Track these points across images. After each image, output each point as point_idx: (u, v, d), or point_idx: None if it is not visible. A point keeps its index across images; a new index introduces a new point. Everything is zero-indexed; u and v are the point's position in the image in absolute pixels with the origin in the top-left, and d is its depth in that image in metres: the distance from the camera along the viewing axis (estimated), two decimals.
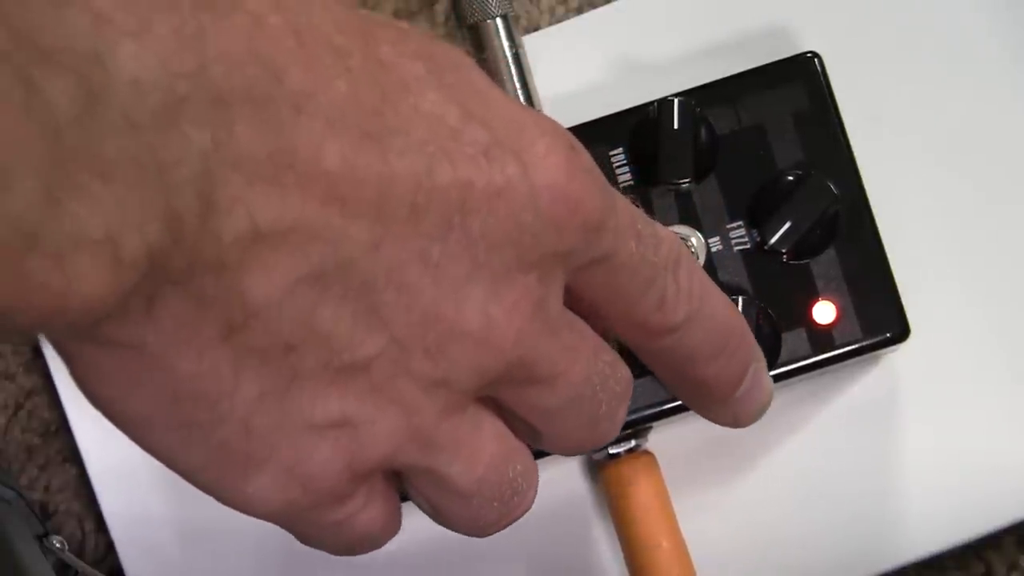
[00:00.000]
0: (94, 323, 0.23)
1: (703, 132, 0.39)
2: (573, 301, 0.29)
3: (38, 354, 0.44)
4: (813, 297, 0.39)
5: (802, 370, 0.39)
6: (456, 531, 0.30)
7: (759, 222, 0.39)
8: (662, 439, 0.41)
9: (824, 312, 0.39)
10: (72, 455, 0.44)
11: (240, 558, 0.42)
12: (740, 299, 0.38)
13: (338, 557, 0.42)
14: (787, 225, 0.39)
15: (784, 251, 0.39)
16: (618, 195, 0.28)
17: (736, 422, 0.34)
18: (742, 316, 0.32)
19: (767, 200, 0.39)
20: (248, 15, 0.23)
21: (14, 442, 0.44)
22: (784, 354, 0.39)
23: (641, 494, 0.40)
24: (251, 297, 0.24)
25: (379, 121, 0.25)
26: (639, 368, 0.39)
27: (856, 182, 0.40)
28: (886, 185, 0.41)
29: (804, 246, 0.39)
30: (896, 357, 0.42)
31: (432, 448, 0.28)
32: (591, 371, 0.29)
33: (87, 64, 0.21)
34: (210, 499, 0.42)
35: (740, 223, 0.39)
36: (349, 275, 0.25)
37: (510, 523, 0.30)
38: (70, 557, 0.42)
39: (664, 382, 0.33)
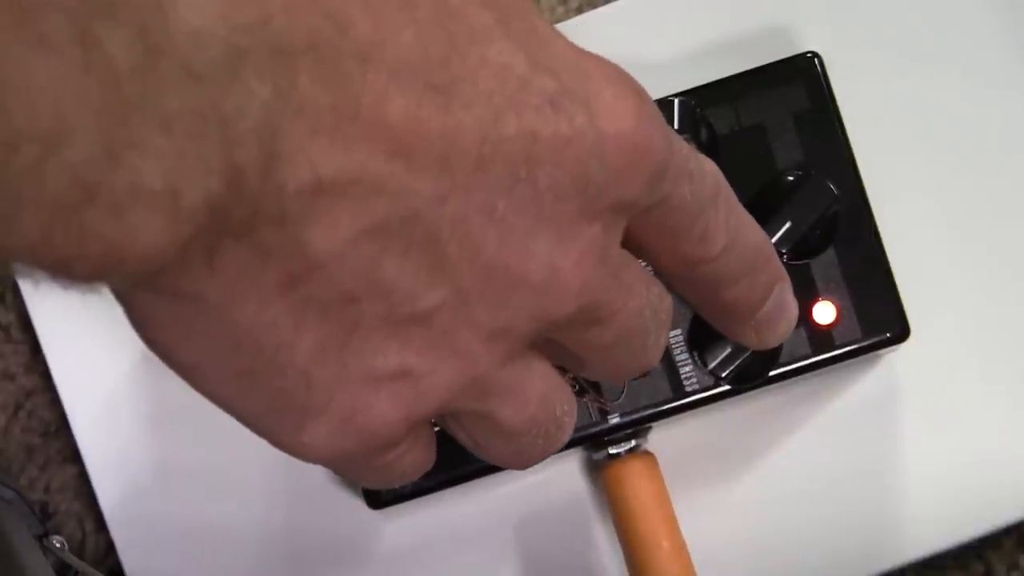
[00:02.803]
0: (152, 274, 0.23)
1: (703, 132, 0.39)
2: (622, 240, 0.29)
3: (38, 354, 0.44)
4: (813, 297, 0.39)
5: (802, 370, 0.39)
6: (496, 464, 0.31)
7: (759, 222, 0.39)
8: (662, 439, 0.41)
9: (824, 312, 0.39)
10: (72, 455, 0.44)
11: (240, 558, 0.42)
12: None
13: (339, 555, 0.42)
14: (787, 225, 0.39)
15: (784, 251, 0.39)
16: (673, 133, 0.28)
17: (760, 342, 0.33)
18: (767, 237, 0.32)
19: (767, 200, 0.39)
20: None
21: (14, 442, 0.44)
22: (784, 354, 0.39)
23: (641, 494, 0.40)
24: (313, 249, 0.24)
25: (445, 72, 0.25)
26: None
27: (856, 182, 0.40)
28: (886, 185, 0.41)
29: (804, 246, 0.39)
30: (896, 357, 0.42)
31: (486, 394, 0.28)
32: (644, 306, 0.29)
33: (147, 16, 0.21)
34: (210, 499, 0.43)
35: None
36: (413, 228, 0.25)
37: (550, 455, 0.31)
38: (70, 557, 0.42)
39: (688, 302, 0.32)
